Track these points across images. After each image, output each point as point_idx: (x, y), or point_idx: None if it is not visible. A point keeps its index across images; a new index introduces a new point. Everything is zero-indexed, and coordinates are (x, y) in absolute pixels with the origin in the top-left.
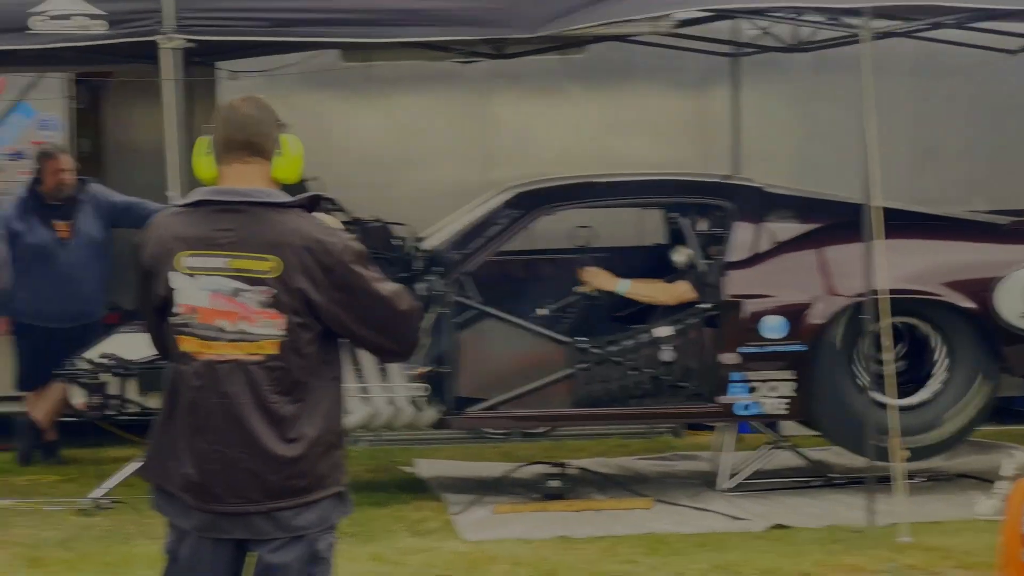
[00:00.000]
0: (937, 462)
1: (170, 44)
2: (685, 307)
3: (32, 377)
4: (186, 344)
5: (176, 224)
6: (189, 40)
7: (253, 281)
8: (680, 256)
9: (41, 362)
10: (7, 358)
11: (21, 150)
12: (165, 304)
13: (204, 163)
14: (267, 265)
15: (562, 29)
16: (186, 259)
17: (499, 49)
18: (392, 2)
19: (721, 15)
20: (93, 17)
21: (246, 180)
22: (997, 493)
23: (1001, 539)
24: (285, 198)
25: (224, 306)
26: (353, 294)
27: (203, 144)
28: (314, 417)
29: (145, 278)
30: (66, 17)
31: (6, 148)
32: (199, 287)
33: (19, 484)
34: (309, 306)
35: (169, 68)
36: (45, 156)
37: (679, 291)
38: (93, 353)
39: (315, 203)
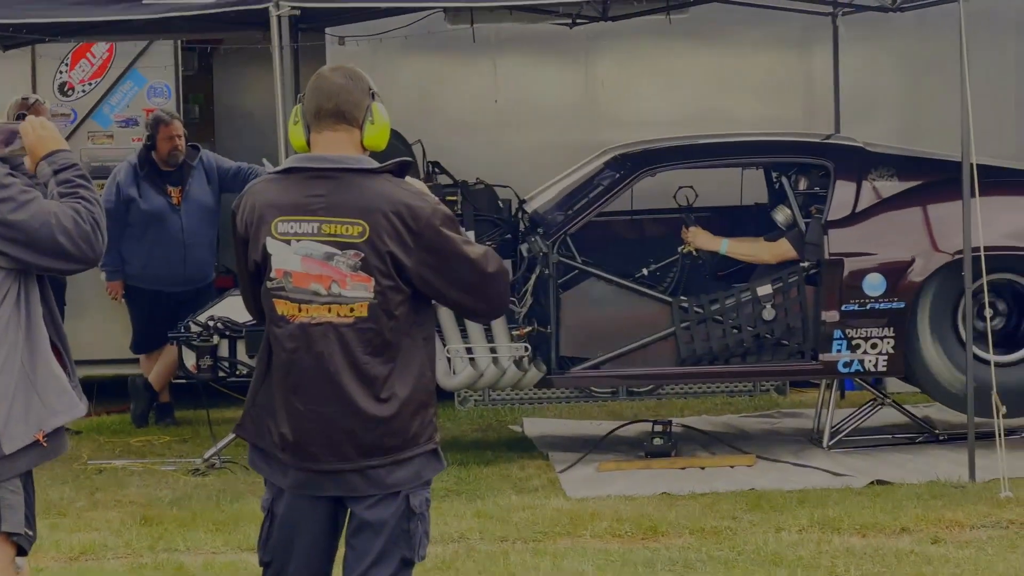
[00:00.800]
0: None
1: (279, 11)
2: (787, 265)
3: (146, 340)
4: (281, 307)
5: (269, 191)
6: (295, 8)
7: (343, 245)
8: (781, 215)
9: (154, 325)
10: (122, 322)
11: (133, 117)
12: (260, 269)
13: (296, 131)
14: (357, 230)
15: None
16: (279, 224)
17: (603, 11)
18: None
19: None
20: None
21: (336, 147)
22: None
23: None
24: (374, 164)
25: (317, 270)
26: (441, 257)
27: (296, 113)
28: (405, 377)
29: (241, 244)
30: None
31: (118, 115)
32: (292, 252)
33: (134, 445)
34: (399, 269)
35: (278, 35)
36: (159, 122)
37: (780, 250)
38: (204, 316)
39: (404, 168)
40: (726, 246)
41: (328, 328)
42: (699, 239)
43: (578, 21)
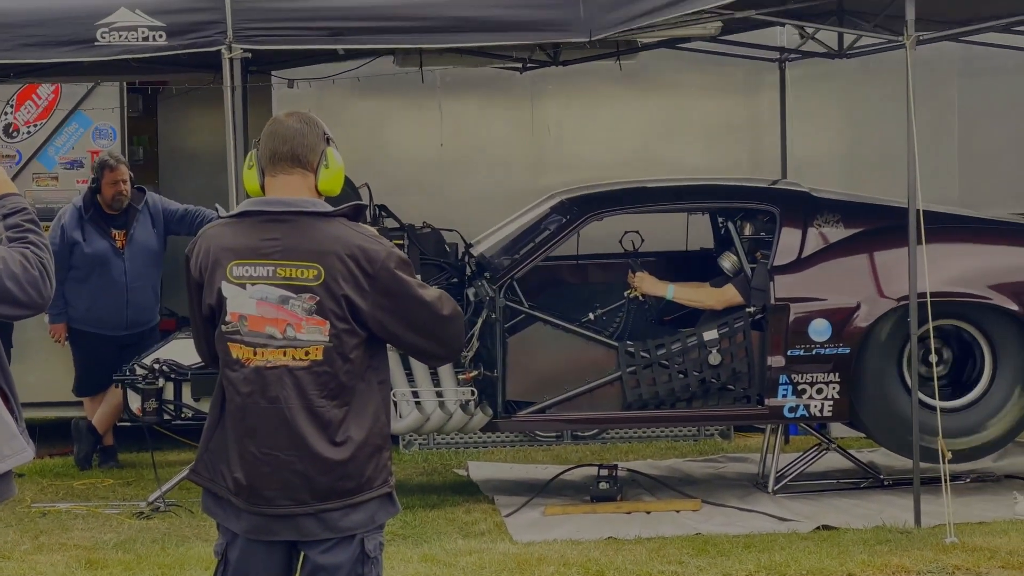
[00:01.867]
0: (984, 463)
1: (231, 54)
2: (733, 311)
3: (89, 383)
4: (236, 351)
5: (224, 235)
6: (247, 50)
7: (299, 289)
8: (728, 262)
9: (97, 368)
10: (66, 364)
11: (78, 159)
12: (214, 313)
13: (250, 176)
14: (312, 273)
15: (617, 31)
16: (235, 268)
17: (555, 55)
18: (447, 9)
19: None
20: (154, 29)
21: (291, 191)
22: None
23: None
24: (329, 208)
25: (272, 314)
26: (396, 300)
27: (251, 157)
28: (361, 420)
29: (195, 288)
30: (132, 29)
31: (63, 157)
32: (247, 295)
33: (77, 488)
34: (354, 312)
35: (231, 78)
36: (104, 166)
37: (726, 296)
38: (149, 359)
39: (359, 212)
40: (672, 291)
41: (283, 372)
42: (645, 284)
43: (528, 65)
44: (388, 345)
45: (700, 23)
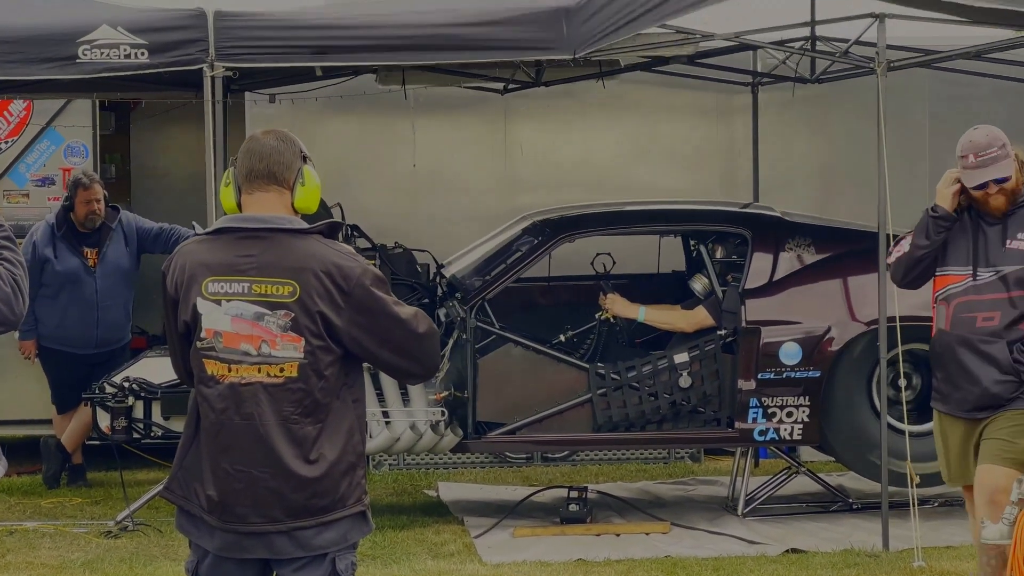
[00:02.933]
0: (952, 488)
1: (213, 72)
2: (704, 333)
3: (59, 401)
4: (211, 367)
5: (200, 251)
6: (229, 68)
7: (274, 305)
8: (699, 284)
9: (68, 386)
10: (34, 382)
11: (49, 176)
12: (190, 329)
13: (227, 193)
14: (287, 289)
15: (600, 47)
16: (210, 285)
17: (537, 76)
18: (430, 27)
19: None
20: (136, 46)
21: (267, 208)
22: (1005, 519)
23: (1009, 564)
24: (304, 225)
25: (247, 330)
26: (372, 317)
27: (228, 175)
28: (335, 438)
29: (171, 304)
30: (114, 46)
31: (35, 174)
32: (222, 312)
33: (45, 507)
34: (329, 329)
35: (211, 96)
36: (78, 185)
37: (697, 318)
38: (119, 377)
39: (334, 230)
40: (643, 313)
41: (258, 388)
42: (617, 306)
43: (510, 87)
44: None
45: (680, 43)
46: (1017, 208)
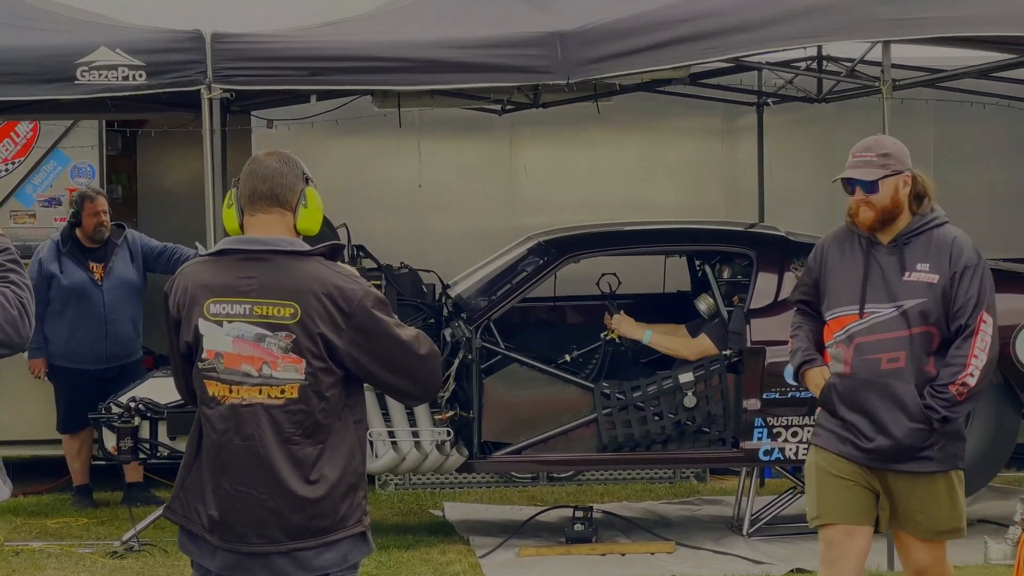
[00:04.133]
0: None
1: (211, 94)
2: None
3: (71, 419)
4: (212, 388)
5: (202, 272)
6: (227, 90)
7: (275, 327)
8: (704, 304)
9: (79, 404)
10: (40, 402)
11: (56, 196)
12: (192, 350)
13: (229, 215)
14: (288, 311)
15: (594, 75)
16: (212, 306)
17: (534, 98)
18: (426, 51)
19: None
20: (134, 68)
21: (269, 230)
22: (1009, 539)
23: None
24: (306, 247)
25: (248, 351)
26: (373, 339)
27: (230, 196)
28: (335, 459)
29: (173, 325)
30: (112, 68)
31: (41, 195)
32: (224, 333)
33: (51, 527)
34: (330, 351)
35: (209, 118)
36: (84, 198)
37: (700, 347)
38: (125, 397)
39: (336, 252)
40: (649, 336)
41: (259, 409)
42: (623, 326)
43: (507, 108)
44: (365, 384)
45: (679, 66)
46: (912, 237)
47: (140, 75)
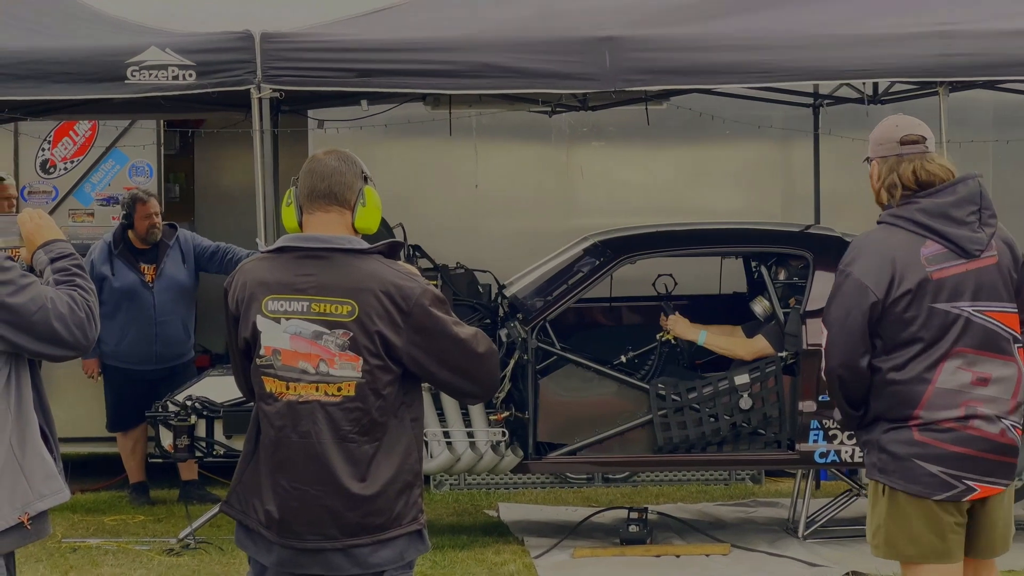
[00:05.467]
0: (1016, 510)
1: (261, 94)
2: (763, 357)
3: (121, 418)
4: (269, 385)
5: (260, 269)
6: (276, 90)
7: (332, 325)
8: (760, 307)
9: (129, 404)
10: (94, 400)
11: (114, 195)
12: (250, 346)
13: (288, 213)
14: (346, 309)
15: (641, 88)
16: (270, 303)
17: (583, 100)
18: (475, 55)
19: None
20: (184, 68)
21: (328, 228)
22: None
23: None
24: (364, 245)
25: (305, 348)
26: (431, 337)
27: (289, 195)
28: (391, 457)
29: (232, 321)
30: (162, 68)
31: (100, 193)
32: (281, 330)
33: (108, 524)
34: (388, 349)
35: (259, 118)
36: (136, 200)
37: (756, 347)
38: (182, 395)
39: (394, 250)
40: (704, 337)
41: (315, 407)
42: (678, 327)
43: (557, 109)
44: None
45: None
46: None
47: (190, 75)
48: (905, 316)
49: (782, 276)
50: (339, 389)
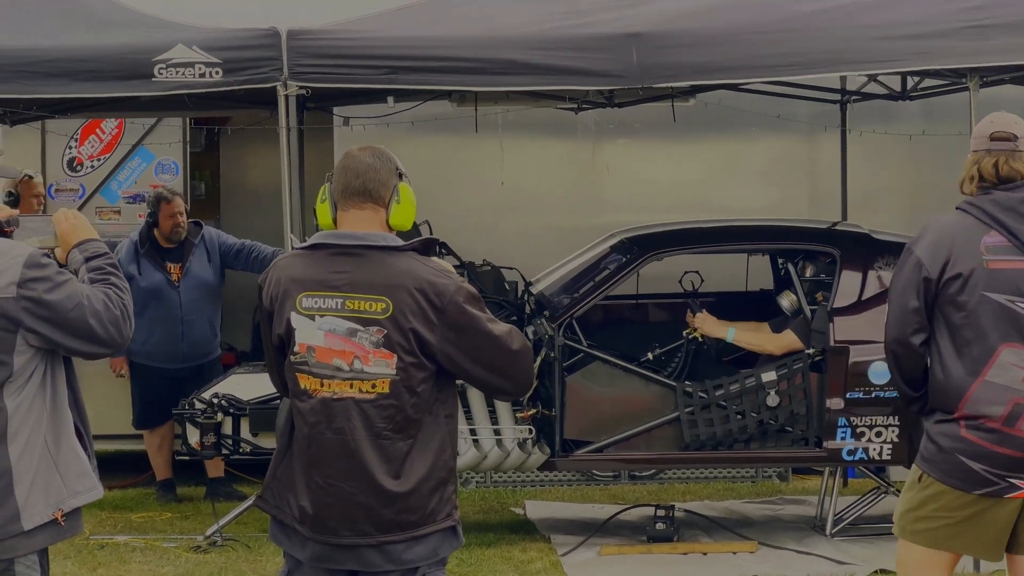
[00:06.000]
0: None
1: (287, 91)
2: (792, 352)
3: (147, 416)
4: (304, 381)
5: (295, 266)
6: (302, 87)
7: (366, 322)
8: (787, 301)
9: (155, 402)
10: (123, 397)
11: (141, 193)
12: (284, 343)
13: (323, 209)
14: (380, 306)
15: (668, 84)
16: (304, 300)
17: (609, 97)
18: (502, 51)
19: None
20: (210, 65)
21: (362, 225)
22: None
23: None
24: (398, 242)
25: (339, 345)
26: (465, 334)
27: (323, 191)
28: (426, 453)
29: (266, 318)
30: (189, 65)
31: (126, 191)
32: (316, 327)
33: (136, 521)
34: (422, 346)
35: (286, 115)
36: (161, 199)
37: (785, 342)
38: (208, 393)
39: (429, 247)
40: (732, 334)
41: (350, 404)
42: (707, 325)
43: (583, 106)
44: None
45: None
46: None
47: (216, 72)
48: (958, 300)
49: (809, 273)
50: (373, 386)
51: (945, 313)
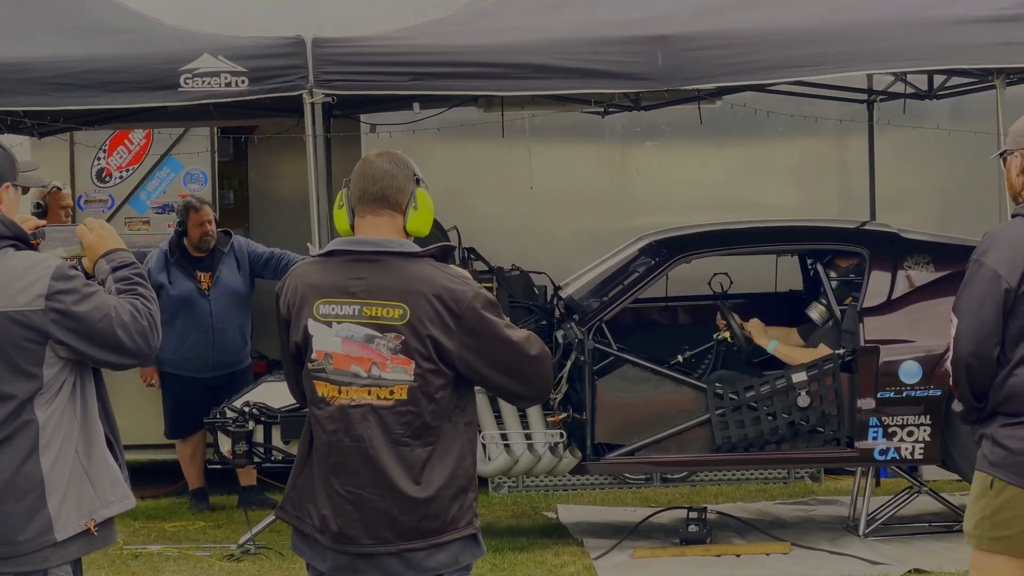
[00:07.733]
0: None
1: (313, 99)
2: None
3: (179, 425)
4: (321, 389)
5: (312, 273)
6: (328, 95)
7: (384, 328)
8: (816, 313)
9: (187, 411)
10: (154, 407)
11: (169, 203)
12: (301, 350)
13: (340, 215)
14: (397, 312)
15: (695, 86)
16: (321, 306)
17: (636, 100)
18: (527, 56)
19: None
20: (236, 74)
21: (379, 231)
22: None
23: None
24: (416, 248)
25: (357, 352)
26: (483, 340)
27: (340, 197)
28: (445, 460)
29: (283, 325)
30: (215, 74)
31: (155, 201)
32: (333, 334)
33: (169, 530)
34: (440, 352)
35: (312, 123)
36: (189, 208)
37: (820, 355)
38: (240, 401)
39: (446, 253)
40: (774, 347)
41: (368, 410)
42: (755, 332)
43: (609, 110)
44: (476, 387)
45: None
46: None
47: (242, 81)
48: None
49: (838, 273)
50: (391, 393)
51: (1020, 320)
